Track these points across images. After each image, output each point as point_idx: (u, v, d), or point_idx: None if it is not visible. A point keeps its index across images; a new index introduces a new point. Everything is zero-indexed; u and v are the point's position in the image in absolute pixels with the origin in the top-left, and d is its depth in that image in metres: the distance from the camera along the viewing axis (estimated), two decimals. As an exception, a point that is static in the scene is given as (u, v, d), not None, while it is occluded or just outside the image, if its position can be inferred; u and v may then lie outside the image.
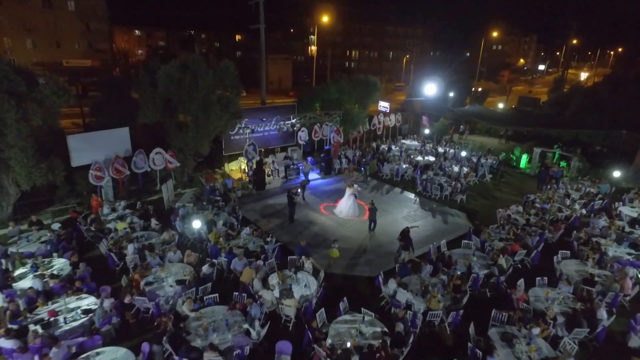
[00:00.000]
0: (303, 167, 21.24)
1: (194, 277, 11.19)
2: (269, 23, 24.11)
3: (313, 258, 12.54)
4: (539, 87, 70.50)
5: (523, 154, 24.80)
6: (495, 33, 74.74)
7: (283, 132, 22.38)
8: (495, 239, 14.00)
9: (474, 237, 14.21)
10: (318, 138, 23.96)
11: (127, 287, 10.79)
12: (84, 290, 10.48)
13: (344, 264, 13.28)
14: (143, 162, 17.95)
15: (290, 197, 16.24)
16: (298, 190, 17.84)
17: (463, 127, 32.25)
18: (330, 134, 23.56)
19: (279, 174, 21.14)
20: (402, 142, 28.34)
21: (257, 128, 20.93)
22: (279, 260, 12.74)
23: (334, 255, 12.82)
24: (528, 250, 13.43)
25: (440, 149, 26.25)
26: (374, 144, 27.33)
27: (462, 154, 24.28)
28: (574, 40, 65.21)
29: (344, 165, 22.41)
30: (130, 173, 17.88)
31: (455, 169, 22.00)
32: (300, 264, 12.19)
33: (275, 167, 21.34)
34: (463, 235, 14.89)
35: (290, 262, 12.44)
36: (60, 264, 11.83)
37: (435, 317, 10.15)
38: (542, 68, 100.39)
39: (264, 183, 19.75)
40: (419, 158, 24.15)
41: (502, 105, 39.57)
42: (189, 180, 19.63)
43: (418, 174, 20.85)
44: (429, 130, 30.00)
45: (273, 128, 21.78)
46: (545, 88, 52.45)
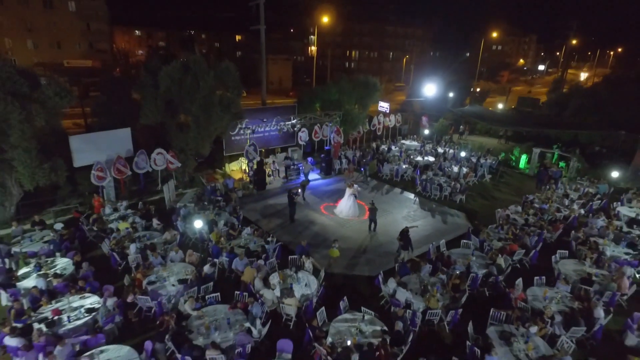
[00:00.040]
0: (303, 167, 21.36)
1: (196, 276, 11.29)
2: (269, 23, 24.21)
3: (314, 258, 12.64)
4: (539, 87, 70.56)
5: (522, 155, 24.86)
6: (495, 33, 74.86)
7: (283, 132, 22.49)
8: (494, 239, 14.09)
9: (473, 237, 14.31)
10: (318, 138, 24.05)
11: (129, 286, 10.90)
12: (87, 290, 10.60)
13: (344, 264, 13.38)
14: (144, 162, 18.06)
15: (291, 197, 16.35)
16: (298, 191, 17.95)
17: (463, 127, 32.35)
18: (331, 135, 23.68)
19: (280, 174, 21.25)
20: (401, 142, 28.43)
21: (257, 128, 21.05)
22: (280, 260, 12.84)
23: (334, 255, 12.91)
24: (526, 250, 13.52)
25: (440, 149, 26.31)
26: (374, 145, 27.42)
27: (461, 155, 24.34)
28: (574, 41, 65.18)
29: (344, 166, 22.50)
30: (132, 173, 18.01)
31: (455, 169, 22.08)
32: (301, 264, 12.29)
33: (276, 167, 21.44)
34: (462, 235, 15.00)
35: (291, 261, 12.54)
36: (63, 264, 11.94)
37: (435, 316, 10.25)
38: (541, 68, 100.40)
39: (265, 183, 19.86)
40: (419, 158, 24.23)
41: (501, 106, 39.64)
42: (190, 181, 19.74)
43: (418, 174, 20.96)
44: (429, 131, 30.05)
45: (273, 128, 21.90)
46: (545, 88, 52.47)
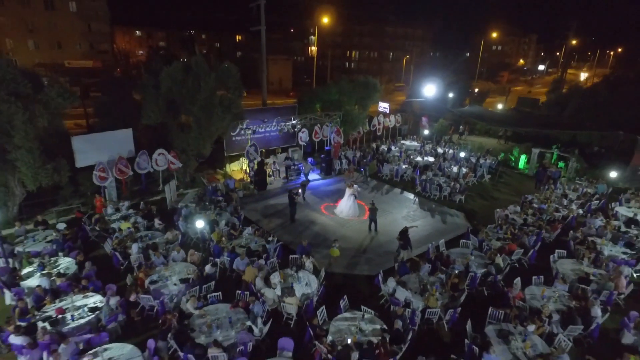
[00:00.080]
0: (303, 167, 21.48)
1: (198, 275, 11.42)
2: (269, 24, 24.30)
3: (314, 257, 12.74)
4: (539, 87, 70.59)
5: (522, 155, 24.98)
6: (495, 33, 74.97)
7: (284, 132, 22.59)
8: (493, 239, 14.21)
9: (472, 236, 14.43)
10: (318, 139, 24.14)
11: (132, 285, 11.02)
12: (90, 289, 10.73)
13: (345, 263, 13.51)
14: (146, 162, 18.17)
15: (291, 197, 16.47)
16: (299, 191, 18.08)
17: (462, 127, 32.45)
18: (331, 135, 23.79)
19: (280, 175, 21.37)
20: (401, 142, 28.53)
21: (258, 129, 21.16)
22: (281, 260, 12.97)
23: (335, 255, 13.04)
24: (525, 250, 13.64)
25: (440, 150, 26.40)
26: (374, 145, 27.53)
27: (461, 155, 24.46)
28: (574, 41, 65.34)
29: (344, 166, 22.61)
30: (133, 173, 18.11)
31: (454, 170, 22.19)
32: (302, 263, 12.41)
33: (276, 167, 21.56)
34: (461, 235, 15.10)
35: (292, 261, 12.66)
36: (66, 263, 12.08)
37: (434, 314, 10.38)
38: (541, 68, 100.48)
39: (265, 183, 19.98)
40: (419, 158, 24.34)
41: (501, 106, 39.70)
42: (191, 181, 19.85)
43: (417, 175, 21.07)
44: (429, 131, 30.13)
45: (274, 129, 22.02)
46: (545, 88, 52.51)
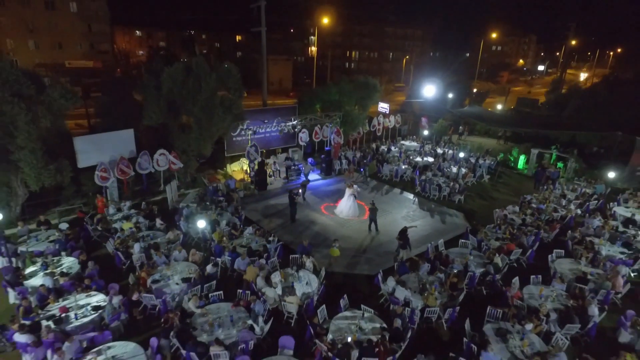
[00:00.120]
0: (303, 167, 21.59)
1: (199, 275, 11.53)
2: (270, 24, 24.38)
3: (314, 257, 12.87)
4: (539, 87, 70.63)
5: (521, 155, 25.10)
6: (495, 34, 75.04)
7: (284, 133, 22.71)
8: (492, 239, 14.33)
9: (471, 236, 14.56)
10: (319, 139, 24.24)
11: (134, 284, 11.15)
12: (93, 288, 10.86)
13: (345, 263, 13.62)
14: (147, 163, 18.28)
15: (292, 197, 16.59)
16: (299, 191, 18.20)
17: (462, 128, 32.56)
18: (331, 135, 23.90)
19: (280, 175, 21.48)
20: (401, 143, 28.65)
21: (258, 129, 21.28)
22: (281, 259, 13.09)
23: (335, 254, 13.17)
24: (523, 250, 13.77)
25: (439, 150, 26.52)
26: (374, 145, 27.63)
27: (460, 155, 24.58)
28: (573, 41, 65.42)
29: (344, 166, 22.73)
30: (135, 174, 18.21)
31: (454, 170, 22.31)
32: (302, 263, 12.53)
33: (277, 167, 21.68)
34: (460, 235, 15.24)
35: (292, 260, 12.78)
36: (69, 263, 12.20)
37: (433, 313, 10.51)
38: (541, 69, 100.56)
39: (266, 184, 20.10)
40: (418, 159, 24.45)
41: (500, 107, 39.82)
42: (192, 181, 19.97)
43: (417, 175, 21.18)
44: (428, 132, 30.26)
45: (274, 129, 22.14)
46: (545, 88, 52.54)
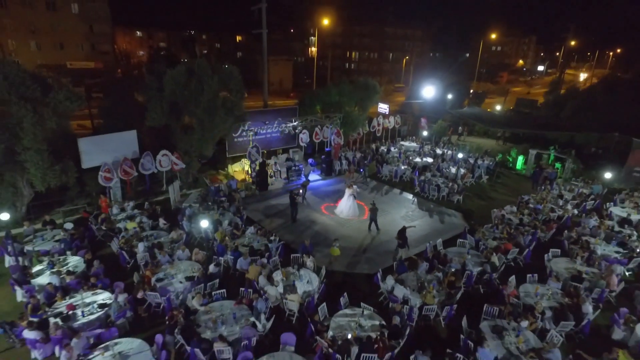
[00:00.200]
0: (303, 168, 21.83)
1: (203, 273, 11.77)
2: (270, 24, 24.53)
3: (315, 256, 13.12)
4: (538, 87, 70.81)
5: (519, 156, 25.32)
6: (494, 34, 75.26)
7: (285, 134, 22.97)
8: (489, 238, 14.58)
9: (469, 236, 14.79)
10: (319, 140, 24.48)
11: (139, 283, 11.39)
12: (99, 286, 11.10)
13: (345, 262, 13.86)
14: (150, 163, 18.53)
15: (293, 197, 16.84)
16: (300, 191, 18.44)
17: (461, 128, 32.80)
18: (331, 136, 24.14)
19: (281, 175, 21.73)
20: (401, 143, 28.89)
21: (259, 130, 21.53)
22: (282, 258, 13.35)
23: (335, 254, 13.39)
24: (520, 249, 14.01)
25: (438, 151, 26.74)
26: (374, 146, 27.87)
27: (459, 156, 24.82)
28: (572, 42, 65.72)
29: (344, 167, 22.97)
30: (138, 174, 18.45)
31: (453, 170, 22.56)
32: (303, 262, 12.78)
33: (278, 168, 21.92)
34: (459, 235, 15.49)
35: (293, 259, 13.03)
36: (75, 262, 12.45)
37: (431, 311, 10.76)
38: (541, 69, 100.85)
39: (267, 184, 20.35)
40: (417, 159, 24.70)
41: (499, 107, 40.03)
42: (194, 181, 20.22)
43: (416, 175, 21.42)
44: (427, 132, 30.50)
45: (275, 130, 22.40)
46: (545, 89, 52.78)
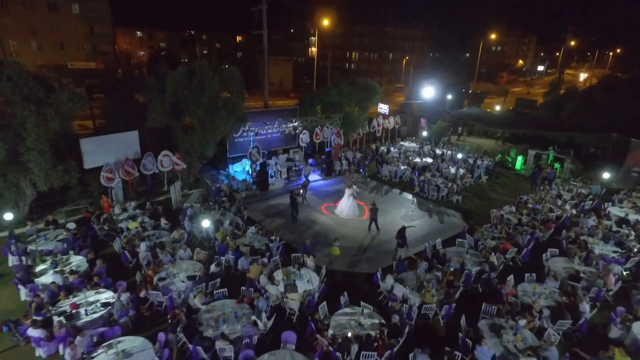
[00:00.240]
0: (303, 168, 21.95)
1: (204, 273, 11.91)
2: (270, 25, 24.60)
3: (315, 256, 13.23)
4: (538, 88, 70.92)
5: (518, 156, 25.44)
6: (494, 34, 75.38)
7: (285, 134, 23.10)
8: (488, 238, 14.70)
9: (468, 236, 14.92)
10: (319, 140, 24.57)
11: (141, 282, 11.50)
12: (102, 285, 11.23)
13: (345, 262, 13.99)
14: (151, 164, 18.65)
15: (293, 197, 16.97)
16: (300, 191, 18.56)
17: (461, 129, 32.91)
18: (331, 137, 24.25)
19: (282, 176, 21.85)
20: (400, 144, 29.01)
21: (260, 131, 21.64)
22: (283, 258, 13.48)
23: (335, 253, 13.51)
24: (519, 249, 14.13)
25: (438, 151, 26.86)
26: (374, 146, 28.00)
27: (458, 156, 24.94)
28: (572, 42, 65.80)
29: (344, 167, 23.09)
30: (139, 174, 18.57)
31: (452, 171, 22.68)
32: (303, 261, 12.90)
33: (278, 168, 22.04)
34: (458, 234, 15.62)
35: (294, 259, 13.15)
36: (78, 261, 12.58)
37: (430, 310, 10.90)
38: (541, 69, 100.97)
39: (268, 184, 20.47)
40: (417, 160, 24.82)
41: (499, 108, 40.14)
42: (195, 182, 20.35)
43: (416, 176, 21.54)
44: (427, 133, 30.62)
45: (276, 130, 22.52)
46: (544, 89, 52.92)
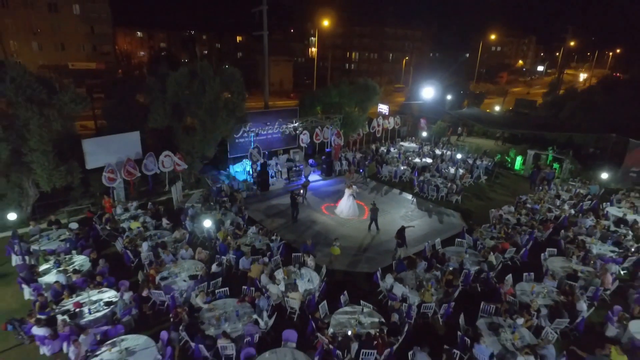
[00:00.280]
0: (303, 168, 22.08)
1: (206, 272, 12.03)
2: (270, 25, 24.66)
3: (315, 255, 13.34)
4: (538, 88, 71.02)
5: (518, 156, 25.55)
6: (494, 34, 75.48)
7: (286, 135, 23.22)
8: (487, 238, 14.81)
9: (467, 235, 15.04)
10: (319, 141, 24.69)
11: (144, 281, 11.64)
12: (105, 285, 11.36)
13: (345, 261, 14.10)
14: (153, 164, 18.77)
15: (293, 198, 17.10)
16: (301, 191, 18.67)
17: (461, 129, 33.02)
18: (331, 137, 24.35)
19: (282, 176, 21.96)
20: (400, 144, 29.12)
21: (261, 131, 21.76)
22: (284, 257, 13.60)
23: (335, 253, 13.63)
24: (517, 248, 14.26)
25: (438, 151, 26.97)
26: (373, 146, 28.10)
27: (458, 156, 25.05)
28: (572, 42, 65.97)
29: (344, 167, 23.20)
30: (141, 175, 18.69)
31: (452, 171, 22.79)
32: (304, 261, 13.02)
33: (279, 169, 22.16)
34: (457, 234, 15.75)
35: (294, 258, 13.28)
36: (80, 260, 12.70)
37: (429, 309, 11.03)
38: (541, 69, 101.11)
39: (268, 184, 20.59)
40: (417, 160, 24.93)
41: (498, 108, 40.24)
42: (196, 182, 20.47)
43: (416, 176, 21.66)
44: (427, 133, 30.73)
45: (276, 131, 22.64)
46: (544, 89, 53.03)
